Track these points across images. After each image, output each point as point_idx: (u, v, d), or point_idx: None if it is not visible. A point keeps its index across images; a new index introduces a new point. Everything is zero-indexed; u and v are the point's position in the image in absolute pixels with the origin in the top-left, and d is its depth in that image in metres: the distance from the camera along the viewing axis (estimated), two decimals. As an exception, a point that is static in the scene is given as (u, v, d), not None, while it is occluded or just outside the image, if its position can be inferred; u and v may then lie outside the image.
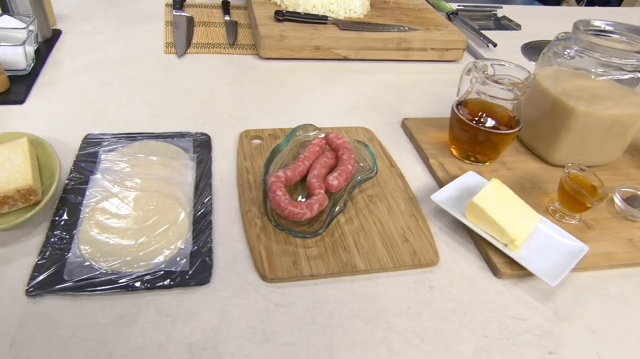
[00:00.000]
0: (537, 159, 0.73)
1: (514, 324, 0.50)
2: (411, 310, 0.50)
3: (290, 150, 0.65)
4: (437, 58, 1.01)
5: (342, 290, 0.51)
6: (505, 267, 0.54)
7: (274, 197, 0.54)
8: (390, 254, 0.55)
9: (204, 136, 0.70)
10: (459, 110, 0.68)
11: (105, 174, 0.60)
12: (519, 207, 0.57)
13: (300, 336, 0.46)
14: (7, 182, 0.53)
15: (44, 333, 0.44)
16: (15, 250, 0.51)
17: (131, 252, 0.51)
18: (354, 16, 1.03)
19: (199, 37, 0.99)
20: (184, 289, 0.49)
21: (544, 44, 1.17)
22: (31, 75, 0.81)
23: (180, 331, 0.45)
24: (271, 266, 0.51)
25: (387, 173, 0.67)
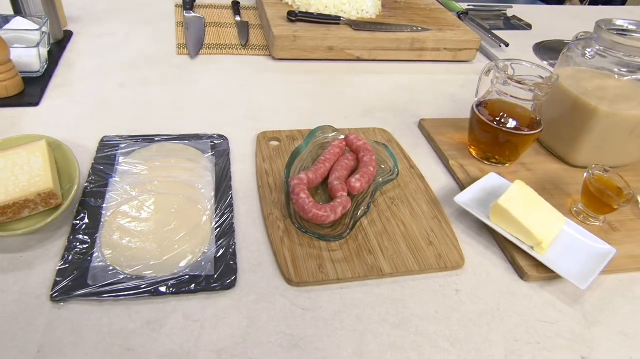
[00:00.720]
0: (557, 160, 0.72)
1: (543, 328, 0.49)
2: (439, 314, 0.49)
3: (310, 152, 0.65)
4: (450, 58, 1.00)
5: (368, 294, 0.50)
6: (532, 270, 0.54)
7: (298, 200, 0.54)
8: (415, 257, 0.54)
9: (222, 138, 0.69)
10: (479, 111, 0.68)
11: (124, 177, 0.59)
12: (544, 209, 0.57)
13: (330, 341, 0.45)
14: (28, 186, 0.53)
15: (71, 338, 0.43)
16: (37, 254, 0.50)
17: (154, 256, 0.50)
18: (366, 16, 1.02)
19: (210, 38, 0.99)
20: (209, 293, 0.48)
21: (556, 43, 1.17)
22: (45, 77, 0.80)
23: (209, 337, 0.44)
24: (296, 270, 0.50)
25: (407, 175, 0.66)
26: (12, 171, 0.55)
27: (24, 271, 0.48)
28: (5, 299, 0.45)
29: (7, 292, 0.46)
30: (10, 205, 0.51)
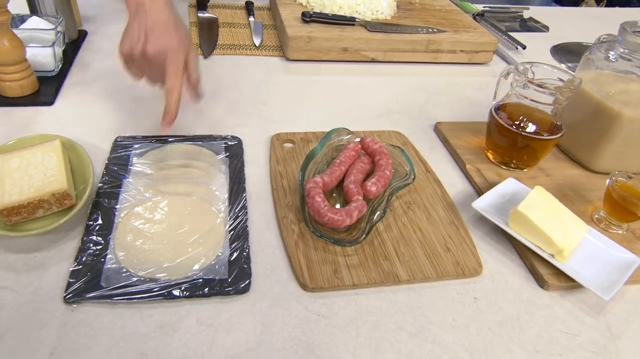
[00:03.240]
0: (577, 165, 0.70)
1: (565, 339, 0.47)
2: (457, 322, 0.48)
3: (325, 154, 0.64)
4: (466, 60, 0.99)
5: (384, 301, 0.49)
6: (552, 279, 0.52)
7: (313, 204, 0.53)
8: (432, 263, 0.53)
9: (235, 139, 0.68)
10: (497, 114, 0.66)
11: (138, 178, 0.59)
12: (565, 216, 0.55)
13: (346, 349, 0.44)
14: (42, 186, 0.52)
15: (84, 341, 0.43)
16: (50, 255, 0.50)
17: (168, 259, 0.50)
18: (381, 17, 1.01)
19: (224, 38, 0.98)
20: (223, 298, 0.47)
21: (575, 46, 1.15)
22: (59, 77, 0.80)
23: (223, 342, 0.44)
24: (311, 275, 0.50)
25: (423, 179, 0.65)
26: (26, 170, 0.54)
27: (37, 272, 0.48)
28: (19, 300, 0.45)
29: (21, 293, 0.46)
30: (24, 205, 0.51)
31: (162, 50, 0.58)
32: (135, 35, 0.58)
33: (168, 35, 0.59)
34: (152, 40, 0.58)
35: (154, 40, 0.58)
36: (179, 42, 0.59)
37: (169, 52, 0.58)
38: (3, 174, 0.54)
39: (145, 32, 0.58)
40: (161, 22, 0.59)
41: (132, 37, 0.58)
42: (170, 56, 0.58)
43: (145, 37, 0.58)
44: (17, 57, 0.70)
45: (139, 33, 0.58)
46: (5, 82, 0.71)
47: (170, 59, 0.58)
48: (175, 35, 0.59)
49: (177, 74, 0.59)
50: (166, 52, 0.58)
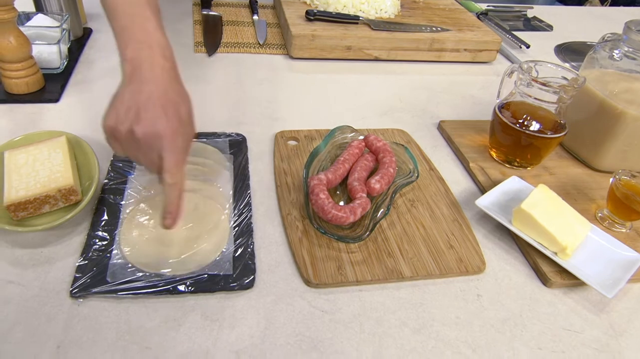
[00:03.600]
0: (580, 164, 0.71)
1: (568, 337, 0.48)
2: (460, 319, 0.48)
3: (328, 152, 0.64)
4: (469, 59, 0.99)
5: (388, 297, 0.50)
6: (555, 277, 0.52)
7: (317, 201, 0.53)
8: (435, 260, 0.53)
9: (239, 137, 0.69)
10: (501, 113, 0.66)
11: (143, 175, 0.59)
12: (568, 214, 0.55)
13: (349, 344, 0.45)
14: (48, 182, 0.53)
15: (90, 335, 0.43)
16: (56, 250, 0.51)
17: (173, 254, 0.50)
18: (385, 16, 1.01)
19: (228, 36, 0.98)
20: (228, 293, 0.48)
21: (579, 45, 1.15)
22: (65, 74, 0.80)
23: (227, 337, 0.44)
24: (315, 271, 0.50)
25: (426, 177, 0.65)
26: (33, 166, 0.55)
27: (44, 267, 0.49)
28: (26, 294, 0.46)
29: (28, 287, 0.46)
30: (31, 200, 0.51)
31: (156, 134, 0.46)
32: (123, 109, 0.46)
33: (165, 116, 0.46)
34: (143, 121, 0.45)
35: (145, 121, 0.45)
36: (178, 124, 0.47)
37: (165, 139, 0.46)
38: (10, 170, 0.54)
39: (137, 107, 0.46)
40: (158, 95, 0.47)
41: (119, 111, 0.46)
42: (167, 144, 0.46)
43: (136, 114, 0.46)
44: (23, 55, 0.71)
45: (128, 107, 0.46)
46: (12, 79, 0.72)
47: (168, 146, 0.46)
48: (175, 116, 0.47)
49: (177, 165, 0.47)
50: (161, 137, 0.46)
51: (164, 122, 0.46)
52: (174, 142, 0.47)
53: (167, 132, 0.46)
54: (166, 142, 0.46)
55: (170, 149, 0.46)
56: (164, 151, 0.46)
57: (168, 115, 0.47)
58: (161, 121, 0.46)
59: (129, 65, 0.48)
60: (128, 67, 0.48)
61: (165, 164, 0.47)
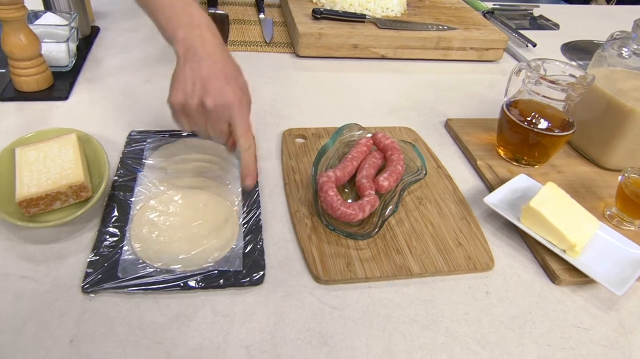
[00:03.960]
0: (588, 162, 0.70)
1: (577, 334, 0.48)
2: (469, 316, 0.48)
3: (336, 150, 0.64)
4: (475, 58, 0.99)
5: (397, 294, 0.50)
6: (564, 274, 0.52)
7: (326, 198, 0.53)
8: (444, 257, 0.53)
9: (248, 134, 0.69)
10: (509, 111, 0.66)
11: (152, 172, 0.60)
12: (577, 212, 0.55)
13: (359, 340, 0.45)
14: (59, 178, 0.53)
15: (102, 330, 0.43)
16: (67, 246, 0.51)
17: (183, 250, 0.50)
18: (391, 15, 1.01)
19: (234, 35, 0.99)
20: (238, 289, 0.48)
21: (585, 44, 1.14)
22: (73, 72, 0.81)
23: (238, 333, 0.44)
24: (324, 268, 0.50)
25: (434, 174, 0.65)
26: (43, 163, 0.55)
27: (55, 262, 0.49)
28: (39, 289, 0.46)
29: (40, 282, 0.47)
30: (42, 197, 0.52)
31: (225, 104, 0.50)
32: (189, 84, 0.50)
33: (229, 86, 0.50)
34: (211, 93, 0.49)
35: (214, 92, 0.49)
36: (242, 93, 0.52)
37: (234, 107, 0.50)
38: (21, 167, 0.55)
39: (202, 81, 0.49)
40: (219, 70, 0.50)
41: (186, 87, 0.50)
42: (237, 112, 0.51)
43: (203, 87, 0.49)
44: (33, 53, 0.71)
45: (193, 82, 0.50)
46: (21, 77, 0.72)
47: (237, 115, 0.51)
48: (237, 86, 0.51)
49: (248, 131, 0.52)
50: (230, 106, 0.50)
51: (230, 92, 0.50)
52: (242, 109, 0.51)
53: (235, 100, 0.50)
54: (235, 110, 0.51)
55: (239, 116, 0.51)
56: (234, 118, 0.51)
57: (232, 85, 0.51)
58: (227, 91, 0.50)
59: (181, 45, 0.51)
60: (181, 48, 0.51)
61: (238, 131, 0.52)
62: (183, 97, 0.50)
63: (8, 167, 0.56)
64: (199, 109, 0.50)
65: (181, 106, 0.51)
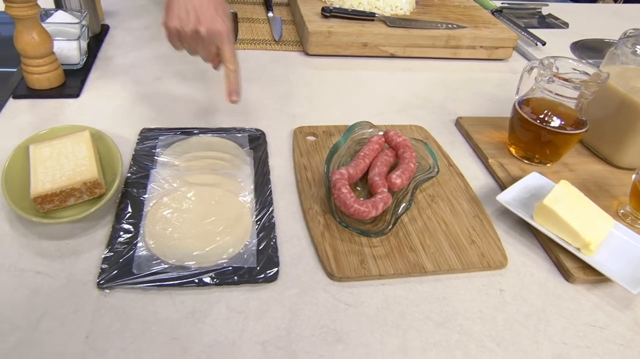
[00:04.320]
0: (600, 161, 0.70)
1: (592, 333, 0.47)
2: (483, 313, 0.48)
3: (348, 147, 0.64)
4: (485, 56, 0.99)
5: (411, 291, 0.50)
6: (578, 272, 0.52)
7: (339, 195, 0.53)
8: (457, 255, 0.53)
9: (259, 132, 0.69)
10: (521, 108, 0.66)
11: (165, 169, 0.60)
12: (591, 211, 0.55)
13: (373, 337, 0.45)
14: (73, 175, 0.54)
15: (117, 326, 0.44)
16: (82, 242, 0.51)
17: (197, 247, 0.50)
18: (400, 13, 1.01)
19: (244, 33, 0.99)
20: (252, 286, 0.48)
21: (595, 42, 1.14)
22: (84, 70, 0.81)
23: (253, 329, 0.44)
24: (338, 265, 0.50)
25: (446, 172, 0.65)
26: (57, 160, 0.56)
27: (70, 258, 0.49)
28: (54, 285, 0.46)
29: (55, 278, 0.47)
30: (57, 193, 0.52)
31: (216, 32, 0.59)
32: (183, 12, 0.58)
33: (219, 16, 0.59)
34: (204, 21, 0.58)
35: (206, 21, 0.58)
36: (229, 21, 0.61)
37: (223, 34, 0.59)
38: (35, 163, 0.55)
39: (195, 11, 0.58)
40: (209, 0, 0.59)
41: (181, 14, 0.58)
42: (225, 37, 0.60)
43: (196, 16, 0.58)
44: (45, 50, 0.72)
45: (187, 10, 0.58)
46: (34, 74, 0.73)
47: (226, 40, 0.60)
48: (224, 15, 0.60)
49: (233, 54, 0.61)
50: (220, 34, 0.59)
51: (220, 21, 0.59)
52: (229, 36, 0.61)
53: (224, 28, 0.59)
54: (224, 37, 0.60)
55: (227, 42, 0.60)
56: (223, 43, 0.60)
57: (220, 14, 0.59)
58: (218, 19, 0.59)
59: None
60: None
61: (225, 54, 0.61)
62: (179, 23, 0.58)
63: (22, 164, 0.56)
64: (193, 35, 0.59)
65: (177, 31, 0.59)
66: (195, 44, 0.61)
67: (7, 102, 0.72)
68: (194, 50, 0.62)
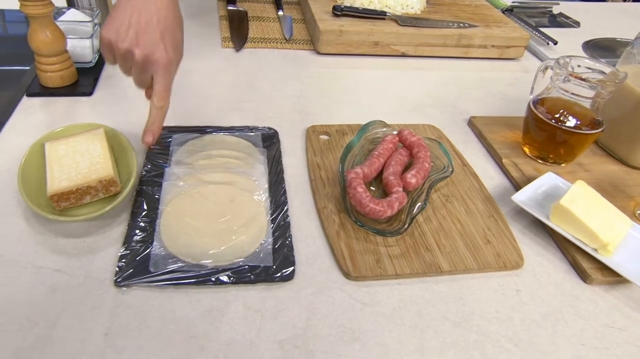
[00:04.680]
0: (616, 161, 0.70)
1: (611, 334, 0.47)
2: (500, 314, 0.48)
3: (362, 146, 0.64)
4: (496, 56, 0.98)
5: (427, 291, 0.49)
6: (596, 273, 0.52)
7: (355, 194, 0.53)
8: (473, 255, 0.53)
9: (271, 131, 0.69)
10: (536, 108, 0.66)
11: (179, 167, 0.60)
12: (608, 211, 0.55)
13: (391, 336, 0.45)
14: (89, 173, 0.54)
15: (135, 324, 0.44)
16: (98, 240, 0.51)
17: (213, 246, 0.50)
18: (411, 12, 1.01)
19: (254, 31, 0.99)
20: (268, 284, 0.48)
21: (608, 41, 1.13)
22: (96, 68, 0.81)
23: (270, 328, 0.44)
24: (354, 264, 0.50)
25: (460, 172, 0.65)
26: (73, 158, 0.56)
27: (87, 256, 0.49)
28: (72, 283, 0.46)
29: (73, 275, 0.47)
30: (73, 191, 0.52)
31: (152, 60, 0.50)
32: (123, 25, 0.50)
33: (162, 43, 0.50)
34: (142, 44, 0.49)
35: (145, 44, 0.49)
36: (173, 53, 0.52)
37: (160, 66, 0.51)
38: (51, 161, 0.55)
39: (137, 29, 0.49)
40: (158, 20, 0.50)
41: (120, 27, 0.50)
42: (162, 71, 0.51)
43: (136, 35, 0.49)
44: (58, 49, 0.72)
45: (128, 24, 0.49)
46: (47, 72, 0.73)
47: (162, 73, 0.51)
48: (171, 44, 0.51)
49: (166, 90, 0.53)
50: (157, 64, 0.50)
51: (162, 50, 0.50)
52: (168, 69, 0.52)
53: (163, 60, 0.51)
54: (161, 70, 0.51)
55: (163, 76, 0.51)
56: (157, 76, 0.51)
57: (165, 43, 0.50)
58: (159, 48, 0.50)
59: None
60: None
61: (156, 88, 0.52)
62: (115, 37, 0.50)
63: (38, 162, 0.56)
64: (125, 55, 0.51)
65: (109, 44, 0.51)
66: (127, 65, 0.53)
67: (21, 100, 0.72)
68: (126, 71, 0.54)
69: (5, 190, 0.56)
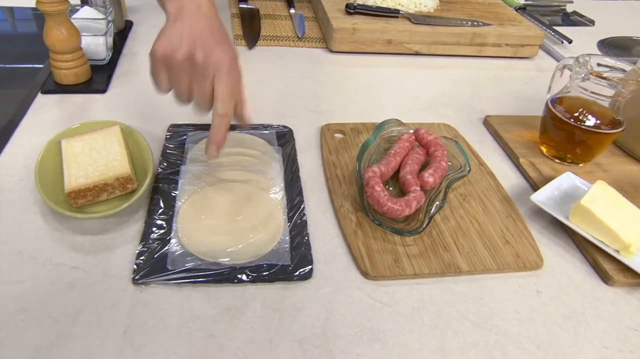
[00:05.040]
0: (634, 161, 0.69)
1: (635, 337, 0.46)
2: (520, 315, 0.47)
3: (378, 145, 0.64)
4: (510, 54, 0.97)
5: (446, 291, 0.49)
6: (618, 275, 0.51)
7: (372, 193, 0.53)
8: (492, 255, 0.52)
9: (286, 129, 0.69)
10: (554, 107, 0.65)
11: (195, 164, 0.60)
12: (630, 212, 0.54)
13: (411, 336, 0.44)
14: (106, 170, 0.54)
15: (154, 321, 0.43)
16: (115, 237, 0.51)
17: (230, 244, 0.50)
18: (424, 10, 1.00)
19: (266, 29, 0.98)
20: (286, 283, 0.48)
21: (623, 40, 1.12)
22: (110, 65, 0.81)
23: (289, 327, 0.44)
24: (372, 264, 0.50)
25: (476, 171, 0.64)
26: (89, 155, 0.56)
27: (104, 254, 0.49)
28: (90, 280, 0.46)
29: (91, 273, 0.47)
30: (90, 188, 0.52)
31: (215, 62, 0.46)
32: (177, 38, 0.46)
33: (221, 45, 0.47)
34: (202, 47, 0.46)
35: (205, 47, 0.46)
36: (234, 56, 0.48)
37: (224, 67, 0.47)
38: (68, 158, 0.55)
39: (193, 37, 0.46)
40: (212, 31, 0.47)
41: (173, 40, 0.46)
42: (227, 70, 0.47)
43: (194, 42, 0.46)
44: (73, 46, 0.72)
45: (182, 36, 0.46)
46: (62, 69, 0.73)
47: (226, 73, 0.47)
48: (230, 48, 0.48)
49: (230, 97, 0.48)
50: (220, 66, 0.46)
51: (222, 50, 0.47)
52: (232, 70, 0.47)
53: (227, 59, 0.47)
54: (225, 69, 0.47)
55: (227, 76, 0.47)
56: (220, 78, 0.47)
57: (225, 46, 0.48)
58: (221, 48, 0.47)
59: (173, 6, 0.48)
60: (173, 8, 0.48)
61: (219, 92, 0.47)
62: (170, 48, 0.46)
63: (54, 159, 0.56)
64: (185, 63, 0.46)
65: (165, 57, 0.46)
66: (187, 77, 0.48)
67: (35, 97, 0.72)
68: (184, 86, 0.49)
69: (22, 187, 0.56)
